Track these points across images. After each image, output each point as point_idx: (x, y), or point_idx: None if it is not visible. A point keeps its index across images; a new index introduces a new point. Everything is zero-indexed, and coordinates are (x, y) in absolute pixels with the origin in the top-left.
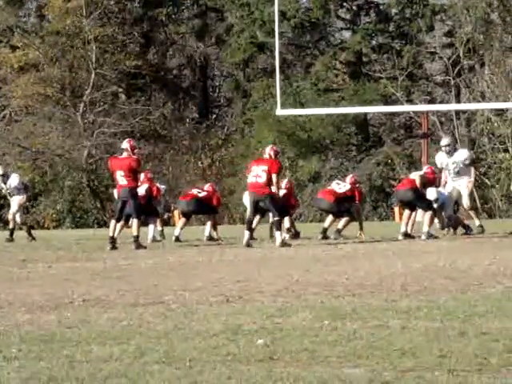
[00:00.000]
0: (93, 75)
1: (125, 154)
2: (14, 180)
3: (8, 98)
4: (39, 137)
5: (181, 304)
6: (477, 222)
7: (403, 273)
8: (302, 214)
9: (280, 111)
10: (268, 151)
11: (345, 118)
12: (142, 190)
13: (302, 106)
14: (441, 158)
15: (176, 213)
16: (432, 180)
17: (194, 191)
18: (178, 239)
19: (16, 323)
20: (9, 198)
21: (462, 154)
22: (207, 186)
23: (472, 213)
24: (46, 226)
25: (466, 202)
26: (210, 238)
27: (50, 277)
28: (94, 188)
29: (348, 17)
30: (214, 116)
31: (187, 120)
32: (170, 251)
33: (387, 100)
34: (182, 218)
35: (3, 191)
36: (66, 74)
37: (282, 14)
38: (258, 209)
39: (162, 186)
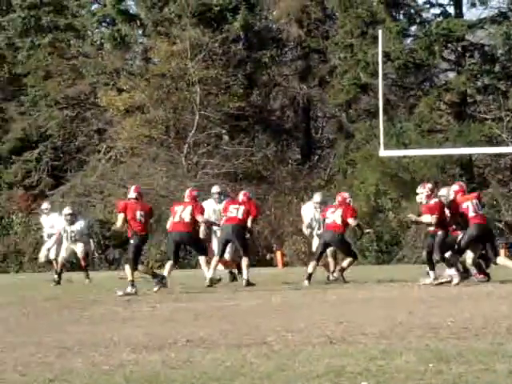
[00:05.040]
0: (197, 117)
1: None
2: (79, 224)
3: (114, 140)
4: (144, 178)
5: (284, 345)
6: None
7: (509, 315)
8: (405, 255)
9: (383, 152)
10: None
11: (449, 159)
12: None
13: (406, 146)
14: None
15: (278, 253)
16: None
17: None
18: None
19: (121, 363)
20: (68, 240)
21: None
22: None
23: None
24: (150, 266)
25: None
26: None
27: (153, 317)
28: (197, 229)
29: (453, 58)
30: (317, 157)
31: (290, 161)
32: (272, 292)
33: (492, 141)
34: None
35: (66, 231)
36: (170, 116)
37: (386, 55)
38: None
39: None
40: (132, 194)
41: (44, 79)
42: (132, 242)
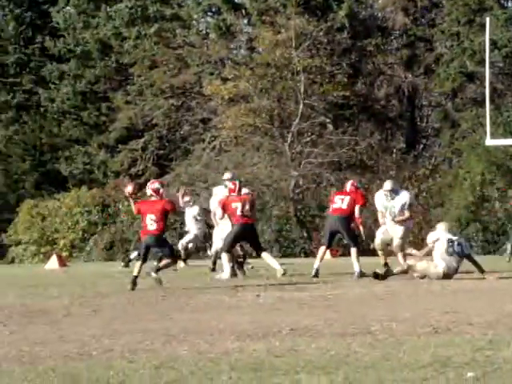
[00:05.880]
0: (301, 106)
1: None
2: (194, 210)
3: (218, 129)
4: (247, 167)
5: (388, 335)
6: None
7: None
8: None
9: (490, 141)
10: None
11: None
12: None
13: None
14: None
15: None
16: None
17: None
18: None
19: (226, 351)
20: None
21: None
22: None
23: None
24: (253, 255)
25: None
26: None
27: (258, 305)
28: (301, 218)
29: None
30: (422, 146)
31: (394, 150)
32: (376, 281)
33: None
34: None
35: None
36: (274, 105)
37: (493, 42)
38: None
39: None
40: (147, 192)
41: (150, 69)
42: (143, 241)
